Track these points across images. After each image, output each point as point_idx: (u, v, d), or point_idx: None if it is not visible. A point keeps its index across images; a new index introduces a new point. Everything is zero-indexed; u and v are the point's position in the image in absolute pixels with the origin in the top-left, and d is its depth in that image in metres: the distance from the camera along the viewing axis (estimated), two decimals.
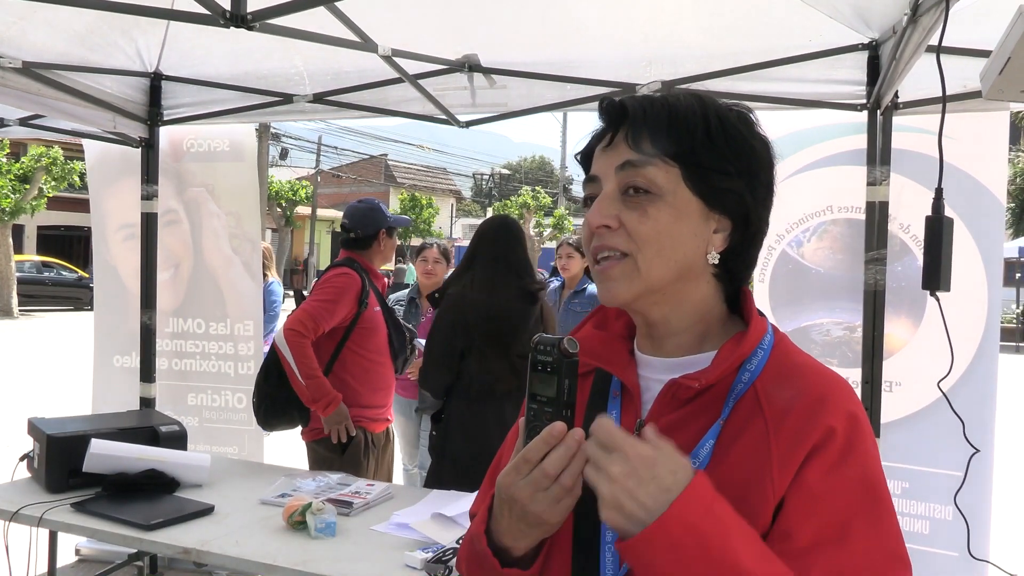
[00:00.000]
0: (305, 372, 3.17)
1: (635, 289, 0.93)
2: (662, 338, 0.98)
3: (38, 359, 11.79)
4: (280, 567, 2.21)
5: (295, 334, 3.18)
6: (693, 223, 0.92)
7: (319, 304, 3.24)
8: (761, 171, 0.95)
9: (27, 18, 2.88)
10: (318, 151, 35.47)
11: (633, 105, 0.94)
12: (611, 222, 0.92)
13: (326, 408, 3.18)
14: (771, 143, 0.97)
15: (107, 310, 4.30)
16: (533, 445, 0.85)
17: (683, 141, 0.91)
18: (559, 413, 0.86)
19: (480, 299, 3.05)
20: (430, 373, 3.18)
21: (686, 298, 0.96)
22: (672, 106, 0.93)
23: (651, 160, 0.91)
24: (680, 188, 0.91)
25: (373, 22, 2.76)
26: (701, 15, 2.84)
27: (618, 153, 0.93)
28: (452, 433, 3.09)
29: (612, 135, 0.94)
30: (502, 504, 0.90)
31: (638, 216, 0.91)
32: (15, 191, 17.53)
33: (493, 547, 0.93)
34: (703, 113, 0.93)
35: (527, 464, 0.85)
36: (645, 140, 0.92)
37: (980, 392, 3.00)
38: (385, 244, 3.52)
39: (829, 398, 0.88)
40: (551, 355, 0.87)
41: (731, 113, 0.95)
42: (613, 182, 0.93)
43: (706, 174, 0.92)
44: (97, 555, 4.07)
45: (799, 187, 3.29)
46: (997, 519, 3.07)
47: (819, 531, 0.83)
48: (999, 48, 1.50)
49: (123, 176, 4.11)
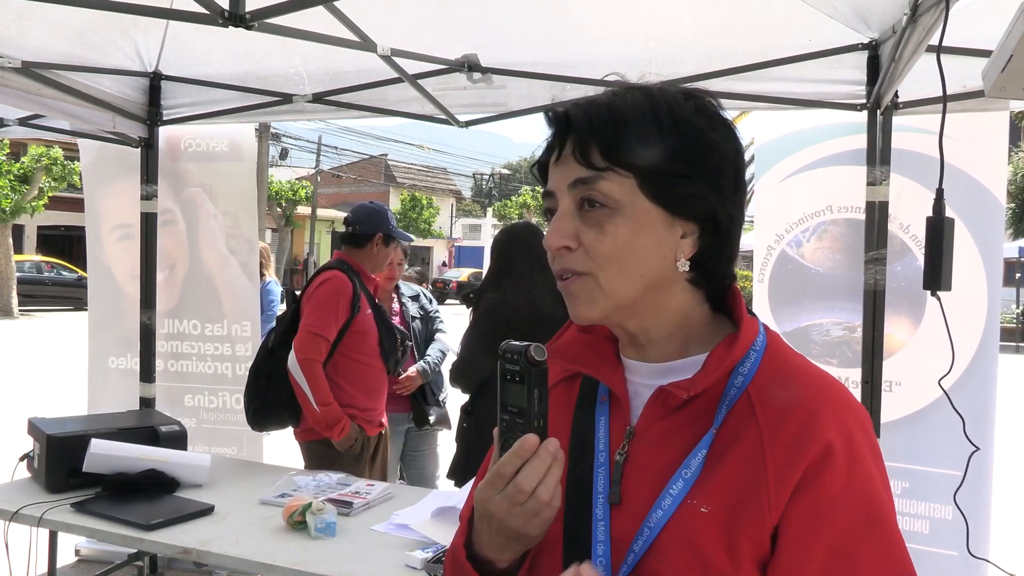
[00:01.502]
0: (320, 400, 3.17)
1: (601, 308, 0.89)
2: (644, 346, 0.94)
3: (38, 359, 11.79)
4: (280, 567, 2.21)
5: (309, 362, 3.18)
6: (656, 233, 0.87)
7: (318, 321, 3.22)
8: (725, 166, 0.88)
9: (26, 17, 2.88)
10: (318, 151, 35.48)
11: (577, 114, 0.87)
12: (570, 242, 0.87)
13: (340, 433, 3.20)
14: (734, 128, 0.90)
15: (101, 311, 4.27)
16: (506, 459, 0.82)
17: (634, 148, 0.85)
18: (530, 424, 0.82)
19: (522, 304, 3.04)
20: (465, 373, 3.18)
21: (662, 308, 0.91)
22: (618, 110, 0.86)
23: (602, 174, 0.85)
24: (638, 199, 0.86)
25: (372, 22, 2.76)
26: (701, 15, 2.84)
27: (569, 168, 0.87)
28: (485, 425, 3.09)
29: (560, 148, 0.89)
30: (481, 518, 0.87)
31: (596, 234, 0.86)
32: (15, 191, 17.53)
33: (475, 560, 0.91)
34: (653, 113, 0.86)
35: (501, 479, 0.83)
36: (594, 152, 0.85)
37: (980, 392, 3.00)
38: (378, 250, 3.46)
39: (824, 408, 0.84)
40: (518, 364, 0.83)
41: (686, 105, 0.88)
42: (568, 199, 0.88)
43: (664, 180, 0.86)
44: (97, 555, 4.06)
45: (799, 187, 3.28)
46: (997, 519, 3.07)
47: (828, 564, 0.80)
48: (1001, 46, 1.50)
49: (119, 176, 4.09)
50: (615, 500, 0.89)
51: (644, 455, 0.89)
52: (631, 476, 0.89)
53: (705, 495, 0.83)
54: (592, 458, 0.92)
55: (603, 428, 0.94)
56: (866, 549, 0.81)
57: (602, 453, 0.92)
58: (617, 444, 0.92)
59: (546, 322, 3.05)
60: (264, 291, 5.60)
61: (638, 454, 0.90)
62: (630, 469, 0.90)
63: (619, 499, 0.89)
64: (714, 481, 0.83)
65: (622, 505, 0.89)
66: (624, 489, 0.89)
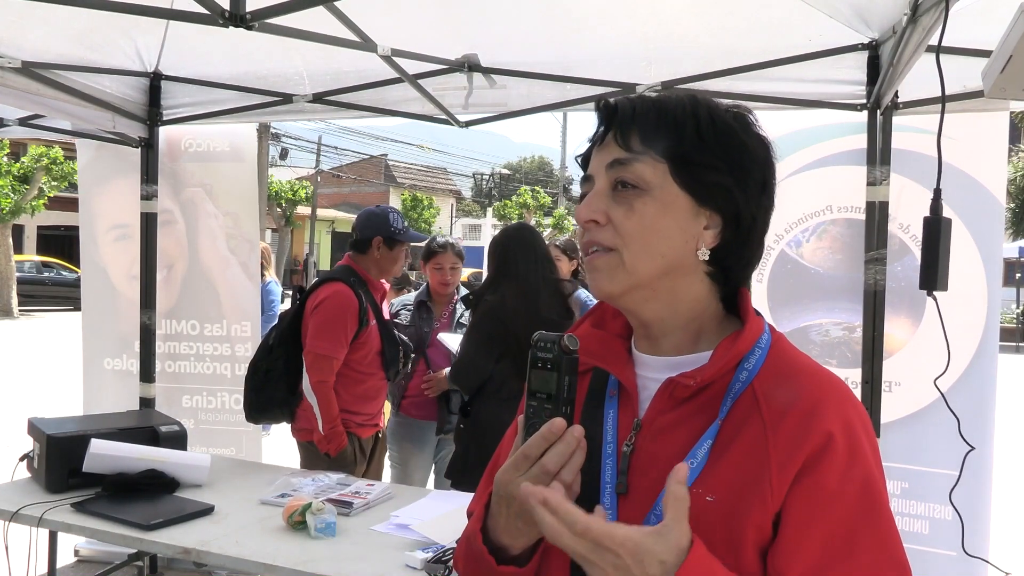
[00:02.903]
0: (328, 424, 3.20)
1: (621, 283, 0.93)
2: (657, 338, 0.98)
3: (38, 359, 11.79)
4: (280, 567, 2.21)
5: (321, 384, 3.19)
6: (680, 218, 0.92)
7: (328, 344, 3.19)
8: (754, 168, 0.94)
9: (26, 17, 2.88)
10: (318, 151, 35.48)
11: (623, 104, 0.95)
12: (599, 217, 0.93)
13: (336, 450, 3.22)
14: (771, 143, 0.97)
15: (96, 312, 4.25)
16: (532, 441, 0.85)
17: (671, 137, 0.92)
18: (558, 410, 0.86)
19: (521, 306, 3.05)
20: (464, 374, 3.19)
21: (678, 296, 0.95)
22: (662, 103, 0.94)
23: (638, 156, 0.92)
24: (667, 183, 0.92)
25: (372, 22, 2.76)
26: (701, 15, 2.84)
27: (609, 151, 0.94)
28: (482, 428, 3.10)
29: (603, 134, 0.96)
30: (500, 501, 0.90)
31: (624, 211, 0.92)
32: (15, 191, 17.53)
33: (490, 545, 0.93)
34: (693, 110, 0.93)
35: (526, 461, 0.85)
36: (633, 137, 0.93)
37: (979, 392, 3.00)
38: (381, 253, 3.33)
39: (827, 402, 0.88)
40: (551, 352, 0.87)
41: (726, 112, 0.95)
42: (604, 179, 0.94)
43: (694, 169, 0.92)
44: (97, 555, 4.06)
45: (799, 187, 3.28)
46: (996, 519, 3.07)
47: (826, 550, 0.83)
48: (1000, 46, 1.51)
49: (115, 176, 4.08)
50: (622, 490, 0.93)
51: (651, 446, 0.93)
52: (638, 467, 0.93)
53: (710, 484, 0.87)
54: (600, 449, 0.95)
55: (611, 421, 0.97)
56: (863, 535, 0.84)
57: (610, 444, 0.96)
58: (625, 436, 0.95)
59: (544, 323, 3.06)
60: (264, 291, 5.61)
61: (645, 445, 0.94)
62: (637, 460, 0.93)
63: (626, 489, 0.93)
64: (719, 471, 0.87)
65: (629, 495, 0.92)
66: (631, 479, 0.93)
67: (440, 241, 3.86)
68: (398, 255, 3.39)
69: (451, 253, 3.79)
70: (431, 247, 3.86)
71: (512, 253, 3.17)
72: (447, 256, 3.78)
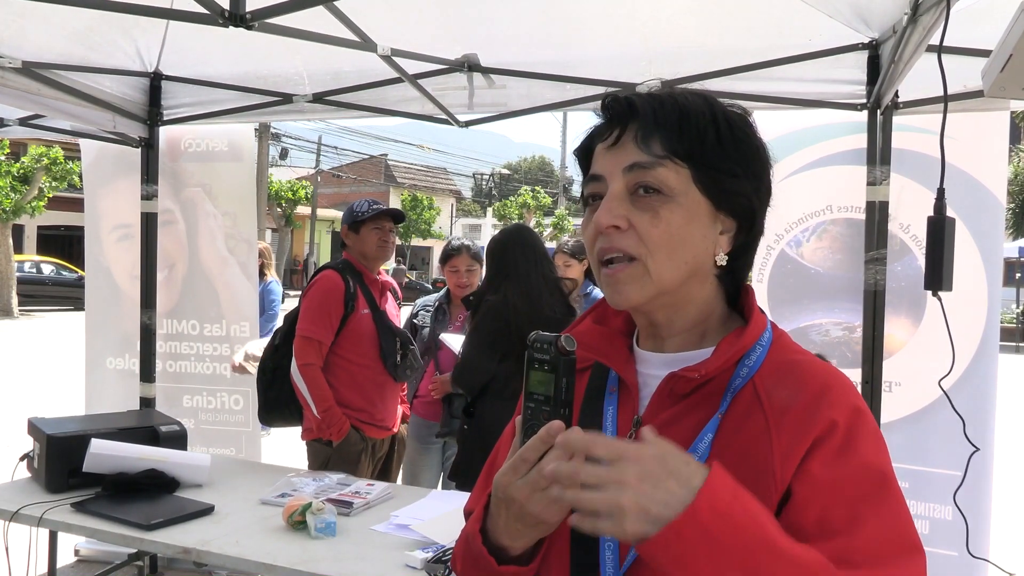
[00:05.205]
0: (320, 406, 3.20)
1: (647, 293, 0.92)
2: (664, 337, 0.98)
3: (38, 359, 11.80)
4: (280, 567, 2.21)
5: (307, 367, 3.20)
6: (703, 225, 0.92)
7: (310, 325, 3.23)
8: (764, 174, 0.95)
9: (26, 17, 2.88)
10: (318, 151, 35.50)
11: (643, 103, 0.92)
12: (621, 223, 0.90)
13: (338, 435, 3.22)
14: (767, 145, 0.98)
15: (99, 311, 4.26)
16: (531, 444, 0.84)
17: (694, 142, 0.90)
18: (556, 412, 0.85)
19: (522, 305, 3.05)
20: (466, 375, 3.20)
21: (691, 299, 0.95)
22: (682, 106, 0.92)
23: (662, 161, 0.90)
24: (691, 189, 0.91)
25: (372, 22, 2.76)
26: (701, 14, 2.84)
27: (626, 152, 0.91)
28: (486, 427, 3.10)
29: (619, 133, 0.92)
30: (499, 504, 0.89)
31: (650, 218, 0.90)
32: (15, 191, 17.52)
33: (489, 546, 0.92)
34: (712, 114, 0.92)
35: (524, 464, 0.85)
36: (655, 140, 0.90)
37: (980, 392, 3.00)
38: (352, 240, 3.41)
39: (831, 392, 0.88)
40: (548, 353, 0.86)
41: (736, 115, 0.95)
42: (620, 182, 0.91)
43: (716, 176, 0.91)
44: (97, 555, 4.06)
45: (799, 187, 3.28)
46: (997, 519, 3.07)
47: (827, 523, 0.82)
48: (1000, 46, 1.51)
49: (119, 176, 4.09)
50: None
51: None
52: None
53: None
54: None
55: (611, 417, 0.97)
56: (871, 512, 0.83)
57: None
58: (624, 433, 0.95)
59: (547, 322, 3.08)
60: (265, 291, 5.61)
61: None
62: None
63: None
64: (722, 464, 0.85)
65: None
66: None
67: (456, 243, 3.84)
68: (366, 236, 3.39)
69: (467, 255, 3.77)
70: (447, 250, 3.86)
71: (511, 253, 3.18)
72: (463, 258, 3.76)
